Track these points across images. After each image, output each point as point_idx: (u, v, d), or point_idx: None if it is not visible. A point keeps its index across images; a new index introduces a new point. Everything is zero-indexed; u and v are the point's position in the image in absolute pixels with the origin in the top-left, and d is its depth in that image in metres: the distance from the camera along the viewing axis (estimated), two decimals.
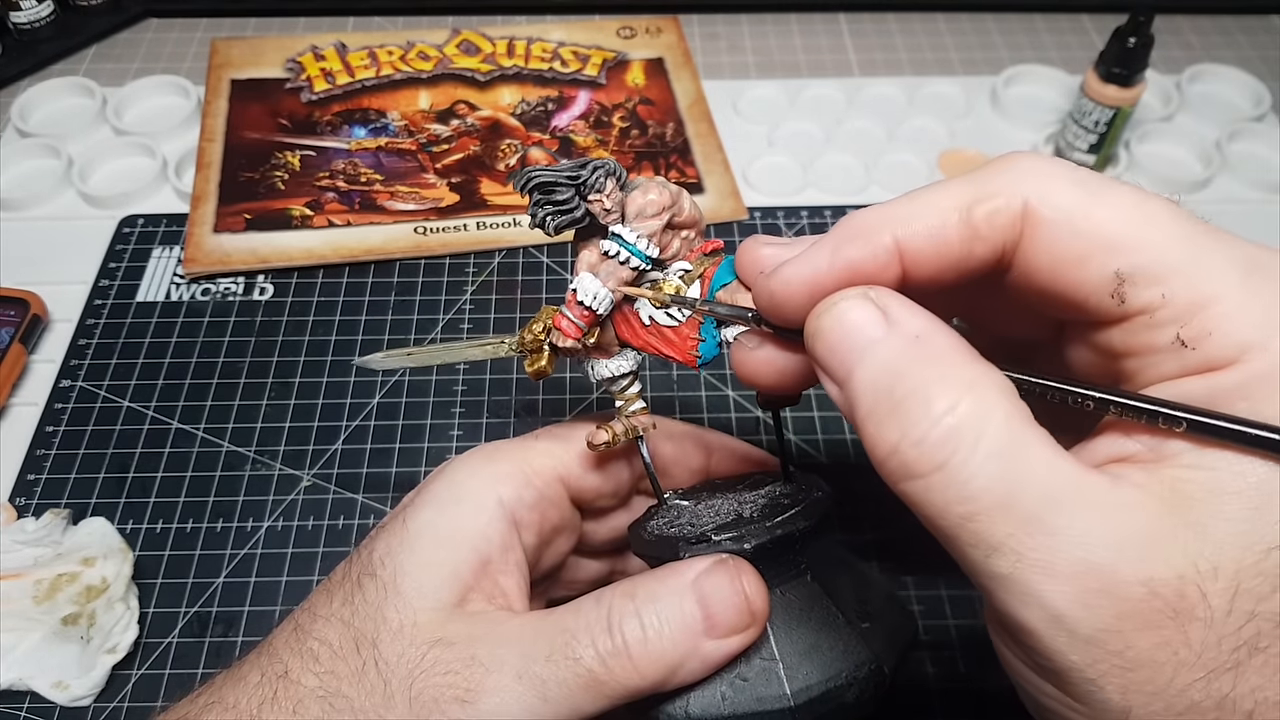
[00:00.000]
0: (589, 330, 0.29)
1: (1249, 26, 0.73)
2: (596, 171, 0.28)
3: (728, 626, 0.27)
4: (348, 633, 0.27)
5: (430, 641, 0.27)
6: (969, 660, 0.41)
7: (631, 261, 0.28)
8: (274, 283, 0.55)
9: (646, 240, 0.28)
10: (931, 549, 0.22)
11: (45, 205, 0.58)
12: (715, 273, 0.29)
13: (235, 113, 0.63)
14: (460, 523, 0.29)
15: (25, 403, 0.49)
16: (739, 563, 0.28)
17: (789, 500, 0.30)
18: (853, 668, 0.27)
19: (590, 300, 0.28)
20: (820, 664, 0.28)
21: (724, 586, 0.27)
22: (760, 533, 0.28)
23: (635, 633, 0.26)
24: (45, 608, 0.40)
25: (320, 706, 0.26)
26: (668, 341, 0.29)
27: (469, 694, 0.26)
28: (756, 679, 0.27)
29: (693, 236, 0.30)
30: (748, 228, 0.57)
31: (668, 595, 0.27)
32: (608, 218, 0.28)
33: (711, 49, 0.70)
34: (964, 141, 0.63)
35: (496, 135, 0.62)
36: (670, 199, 0.28)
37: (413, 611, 0.27)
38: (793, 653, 0.28)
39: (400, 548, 0.29)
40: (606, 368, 0.30)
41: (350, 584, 0.29)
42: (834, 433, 0.48)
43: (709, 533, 0.29)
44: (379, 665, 0.26)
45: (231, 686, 0.28)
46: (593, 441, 0.30)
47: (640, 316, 0.29)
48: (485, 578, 0.28)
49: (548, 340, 0.29)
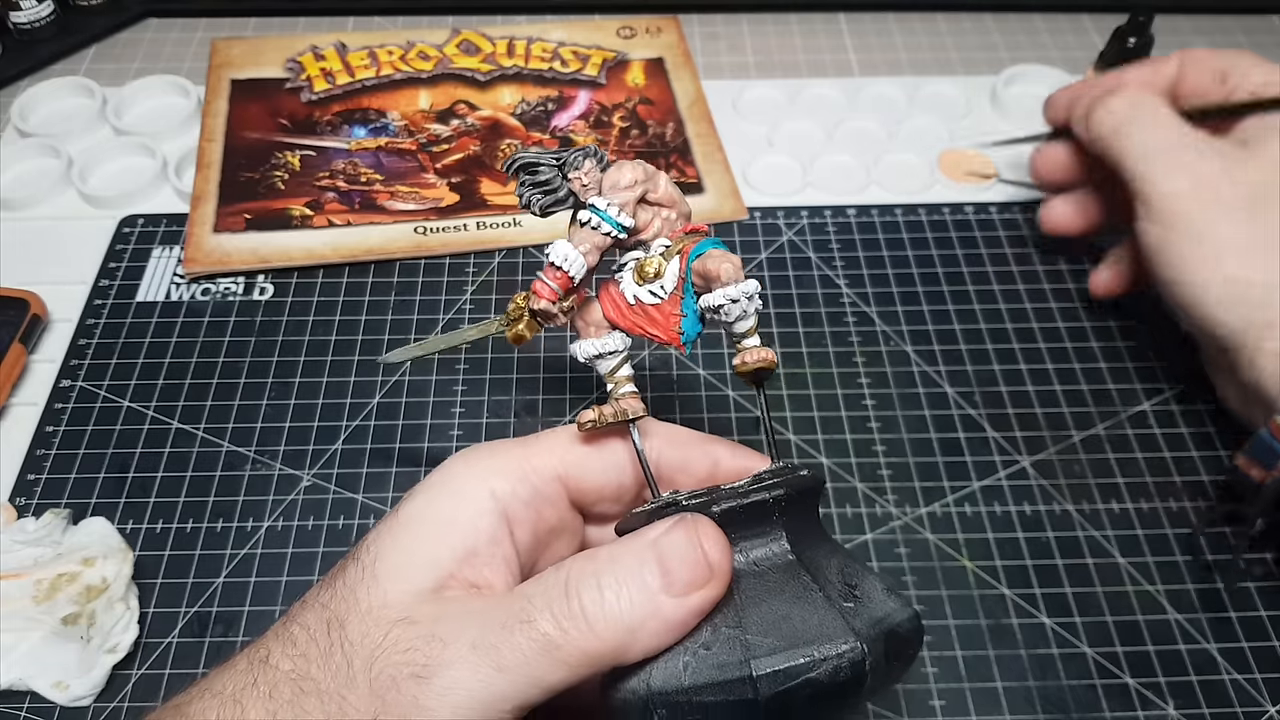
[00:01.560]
0: (565, 294, 0.30)
1: (1249, 26, 0.73)
2: (577, 153, 0.30)
3: (685, 583, 0.26)
4: (323, 615, 0.28)
5: (394, 621, 0.27)
6: (969, 660, 0.41)
7: (604, 228, 0.30)
8: (274, 283, 0.55)
9: (618, 209, 0.30)
10: (931, 550, 0.22)
11: (45, 205, 0.58)
12: (694, 247, 0.30)
13: (235, 113, 0.63)
14: (447, 512, 0.29)
15: (25, 403, 0.49)
16: (698, 518, 0.27)
17: (770, 475, 0.29)
18: (826, 644, 0.26)
19: (562, 261, 0.29)
20: (788, 636, 0.26)
21: (680, 542, 0.27)
22: (731, 496, 0.28)
23: (592, 595, 0.26)
24: (45, 608, 0.40)
25: (291, 689, 0.26)
26: (652, 320, 0.30)
27: (425, 669, 0.25)
28: (720, 648, 0.26)
29: (674, 217, 0.31)
30: (748, 227, 0.58)
31: (626, 557, 0.27)
32: (586, 194, 0.30)
33: (711, 49, 0.70)
34: (964, 141, 0.63)
35: (496, 135, 0.62)
36: (644, 174, 0.30)
37: (383, 593, 0.27)
38: (759, 622, 0.27)
39: (385, 534, 0.29)
40: (592, 345, 0.31)
41: (337, 572, 0.29)
42: (834, 433, 0.48)
43: (680, 499, 0.28)
44: (344, 646, 0.26)
45: (221, 674, 0.28)
46: (580, 421, 0.30)
47: (625, 297, 0.31)
48: (468, 568, 0.28)
49: (526, 305, 0.31)
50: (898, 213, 0.59)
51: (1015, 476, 0.47)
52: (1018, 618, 0.43)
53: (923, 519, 0.45)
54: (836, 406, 0.50)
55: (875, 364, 0.51)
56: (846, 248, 0.57)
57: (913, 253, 0.57)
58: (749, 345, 0.31)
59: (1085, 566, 0.44)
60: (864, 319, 0.53)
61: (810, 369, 0.51)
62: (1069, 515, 0.46)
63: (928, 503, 0.46)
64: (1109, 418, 0.49)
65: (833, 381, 0.51)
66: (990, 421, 0.49)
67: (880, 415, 0.49)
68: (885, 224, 0.58)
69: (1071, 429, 0.49)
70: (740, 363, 0.31)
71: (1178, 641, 0.42)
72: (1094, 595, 0.43)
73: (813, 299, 0.54)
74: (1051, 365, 0.51)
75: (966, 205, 0.59)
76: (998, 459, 0.48)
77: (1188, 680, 0.41)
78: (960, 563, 0.44)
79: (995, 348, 0.52)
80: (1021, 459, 0.48)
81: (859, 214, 0.58)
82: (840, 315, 0.53)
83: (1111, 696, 0.40)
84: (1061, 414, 0.49)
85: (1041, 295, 0.54)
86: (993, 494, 0.46)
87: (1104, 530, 0.45)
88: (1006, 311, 0.54)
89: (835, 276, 0.55)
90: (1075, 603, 0.43)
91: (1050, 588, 0.43)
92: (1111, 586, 0.44)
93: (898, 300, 0.54)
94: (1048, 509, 0.46)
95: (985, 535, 0.45)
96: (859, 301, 0.54)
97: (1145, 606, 0.43)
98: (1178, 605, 0.43)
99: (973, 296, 0.54)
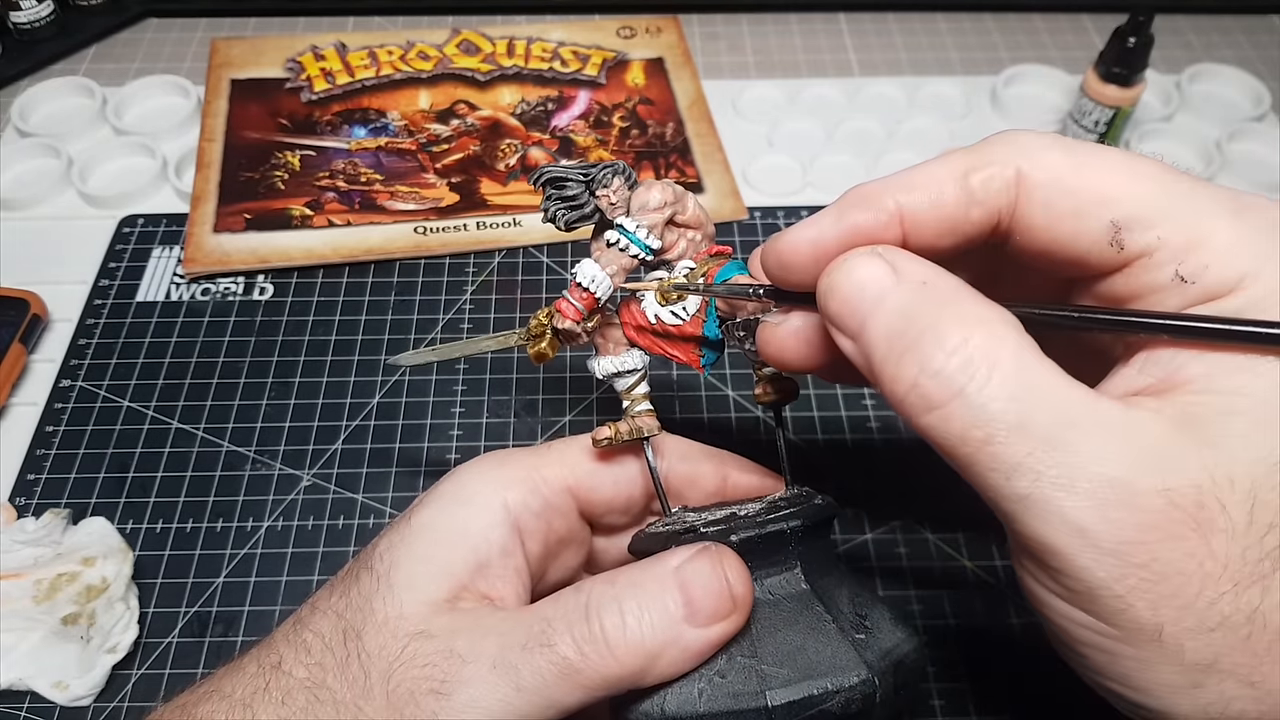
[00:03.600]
0: (589, 314, 0.30)
1: (1249, 26, 0.73)
2: (605, 170, 0.29)
3: (709, 613, 0.26)
4: (339, 624, 0.28)
5: (412, 634, 0.27)
6: (969, 660, 0.41)
7: (631, 250, 0.29)
8: (274, 283, 0.55)
9: (647, 230, 0.29)
10: (930, 549, 0.22)
11: (45, 205, 0.58)
12: (719, 272, 0.29)
13: (235, 113, 0.63)
14: (461, 523, 0.29)
15: (25, 403, 0.49)
16: (721, 549, 0.27)
17: (786, 504, 0.30)
18: (839, 676, 0.27)
19: (589, 282, 0.29)
20: (803, 667, 0.27)
21: (705, 572, 0.27)
22: (749, 526, 0.28)
23: (614, 620, 0.26)
24: (45, 608, 0.40)
25: (306, 697, 0.26)
26: (673, 341, 0.30)
27: (444, 685, 0.25)
28: (735, 676, 0.27)
29: (699, 239, 0.31)
30: (748, 227, 0.58)
31: (648, 582, 0.27)
32: (614, 212, 0.30)
33: (711, 49, 0.70)
34: (964, 141, 0.62)
35: (496, 135, 0.62)
36: (673, 196, 0.30)
37: (399, 604, 0.27)
38: (775, 653, 0.27)
39: (399, 543, 0.29)
40: (611, 363, 0.31)
41: (350, 578, 0.29)
42: (834, 432, 0.48)
43: (698, 525, 0.28)
44: (361, 657, 0.26)
45: (229, 676, 0.28)
46: (595, 438, 0.30)
47: (646, 316, 0.30)
48: (481, 579, 0.28)
49: (550, 323, 0.30)
50: None
51: None
52: (1017, 617, 0.43)
53: (922, 519, 0.45)
54: (836, 406, 0.50)
55: None
56: None
57: None
58: (770, 373, 0.31)
59: None
60: None
61: None
62: None
63: (927, 502, 0.46)
64: None
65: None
66: None
67: (880, 415, 0.49)
68: None
69: None
70: (763, 392, 0.31)
71: None
72: None
73: None
74: None
75: None
76: None
77: None
78: (960, 562, 0.44)
79: None
80: None
81: None
82: None
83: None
84: None
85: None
86: None
87: None
88: None
89: None
90: None
91: None
92: None
93: None
94: None
95: (985, 535, 0.45)
96: None
97: None
98: None
99: None
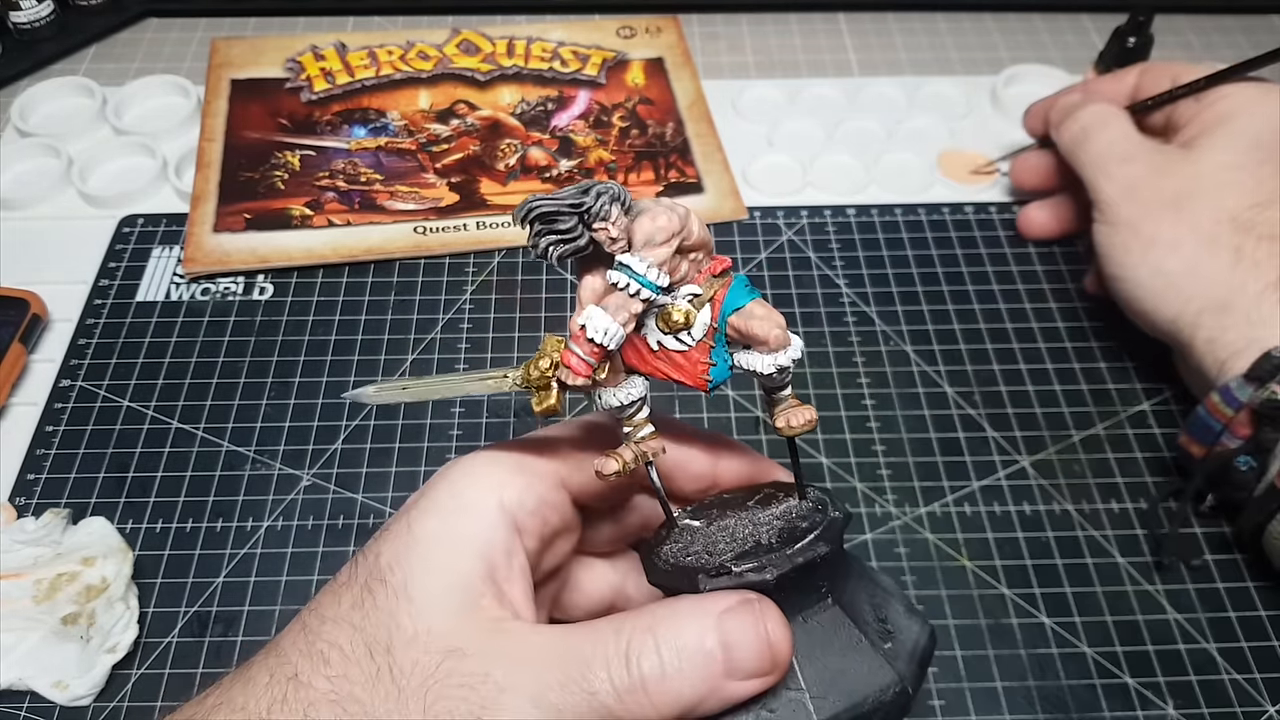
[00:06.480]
0: (599, 366, 0.28)
1: (1249, 26, 0.73)
2: (601, 198, 0.26)
3: (749, 670, 0.26)
4: (359, 637, 0.27)
5: (445, 650, 0.27)
6: (969, 660, 0.41)
7: (642, 293, 0.27)
8: (274, 282, 0.55)
9: (657, 270, 0.27)
10: (930, 550, 0.22)
11: (45, 205, 0.58)
12: (726, 296, 0.28)
13: (235, 112, 0.63)
14: (464, 530, 0.29)
15: (25, 403, 0.49)
16: (764, 604, 0.27)
17: (806, 524, 0.29)
18: (878, 691, 0.27)
19: (601, 337, 0.27)
20: (846, 690, 0.27)
21: (748, 629, 0.26)
22: (782, 562, 0.28)
23: (654, 669, 0.26)
24: (45, 607, 0.40)
25: (333, 710, 0.26)
26: (677, 366, 0.29)
27: (484, 711, 0.26)
28: (783, 710, 0.27)
29: (701, 258, 0.28)
30: (747, 227, 0.58)
31: (688, 630, 0.26)
32: (614, 246, 0.27)
33: (711, 49, 0.70)
34: (964, 141, 0.63)
35: (496, 135, 0.62)
36: (679, 223, 0.27)
37: (426, 619, 0.27)
38: (819, 681, 0.27)
39: (408, 554, 0.28)
40: (615, 396, 0.29)
41: (359, 588, 0.29)
42: (834, 432, 0.48)
43: (728, 563, 0.28)
44: (393, 672, 0.26)
45: (240, 688, 0.28)
46: (602, 471, 0.28)
47: (649, 342, 0.28)
48: (492, 584, 0.28)
49: (555, 376, 0.28)
50: (897, 212, 0.59)
51: (1015, 476, 0.47)
52: (1017, 617, 0.43)
53: (922, 519, 0.45)
54: (836, 406, 0.50)
55: (875, 364, 0.51)
56: (846, 248, 0.57)
57: (912, 252, 0.57)
58: (788, 402, 0.29)
59: (1085, 566, 0.44)
60: (863, 319, 0.53)
61: (810, 369, 0.51)
62: (1069, 515, 0.46)
63: (927, 502, 0.46)
64: (1109, 418, 0.49)
65: (832, 381, 0.51)
66: (990, 421, 0.49)
67: (880, 415, 0.49)
68: (885, 224, 0.58)
69: (1071, 429, 0.49)
70: (785, 425, 0.29)
71: (1177, 641, 0.42)
72: (1093, 595, 0.43)
73: (812, 299, 0.54)
74: (1051, 365, 0.51)
75: (966, 205, 0.59)
76: (997, 459, 0.48)
77: (1187, 680, 0.41)
78: (960, 562, 0.44)
79: (995, 347, 0.52)
80: (1021, 459, 0.48)
81: (858, 214, 0.58)
82: (840, 315, 0.53)
83: (1111, 696, 0.41)
84: (1061, 414, 0.49)
85: (1041, 295, 0.54)
86: (992, 494, 0.46)
87: (1104, 530, 0.45)
88: (1006, 311, 0.54)
89: (835, 276, 0.55)
90: (1075, 602, 0.43)
91: (1050, 587, 0.43)
92: (1111, 586, 0.44)
93: (897, 300, 0.54)
94: (1047, 509, 0.46)
95: (985, 535, 0.45)
96: (858, 301, 0.54)
97: (1145, 606, 0.43)
98: (1177, 605, 0.43)
99: (972, 296, 0.54)
